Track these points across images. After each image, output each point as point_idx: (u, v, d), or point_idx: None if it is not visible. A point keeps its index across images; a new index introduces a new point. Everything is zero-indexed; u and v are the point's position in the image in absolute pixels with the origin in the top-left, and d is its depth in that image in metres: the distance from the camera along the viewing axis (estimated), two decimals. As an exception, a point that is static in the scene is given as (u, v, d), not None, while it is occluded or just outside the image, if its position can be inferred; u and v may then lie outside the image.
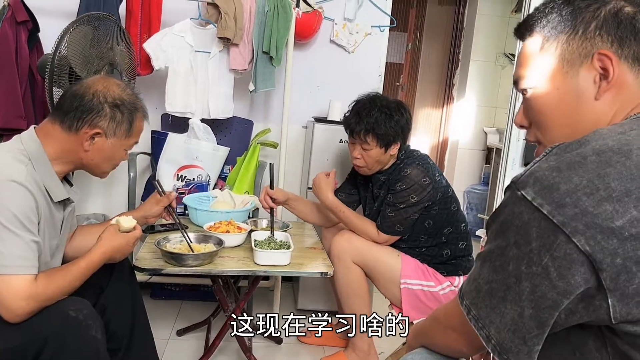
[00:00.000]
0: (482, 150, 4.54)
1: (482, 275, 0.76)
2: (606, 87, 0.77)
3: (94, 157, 1.44)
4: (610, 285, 0.64)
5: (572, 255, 0.65)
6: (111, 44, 2.11)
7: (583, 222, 0.64)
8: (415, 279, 1.98)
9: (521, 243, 0.69)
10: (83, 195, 2.62)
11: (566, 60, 0.79)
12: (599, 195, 0.64)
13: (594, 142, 0.70)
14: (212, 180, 2.51)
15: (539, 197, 0.67)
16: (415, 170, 1.94)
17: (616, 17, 0.76)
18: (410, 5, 4.84)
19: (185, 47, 2.39)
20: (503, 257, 0.72)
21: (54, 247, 1.46)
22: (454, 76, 4.69)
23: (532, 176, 0.70)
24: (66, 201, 1.47)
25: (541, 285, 0.68)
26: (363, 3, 2.79)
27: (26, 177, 1.28)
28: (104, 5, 2.24)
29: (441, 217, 2.01)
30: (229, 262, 1.78)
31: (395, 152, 2.02)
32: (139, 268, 1.68)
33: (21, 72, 2.18)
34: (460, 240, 2.04)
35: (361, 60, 2.86)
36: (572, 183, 0.66)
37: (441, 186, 1.99)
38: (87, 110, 1.39)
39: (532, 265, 0.68)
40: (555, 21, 0.81)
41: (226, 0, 2.35)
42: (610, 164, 0.66)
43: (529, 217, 0.68)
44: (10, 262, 1.22)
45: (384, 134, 1.96)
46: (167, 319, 2.47)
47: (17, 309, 1.23)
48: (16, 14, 2.15)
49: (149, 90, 2.61)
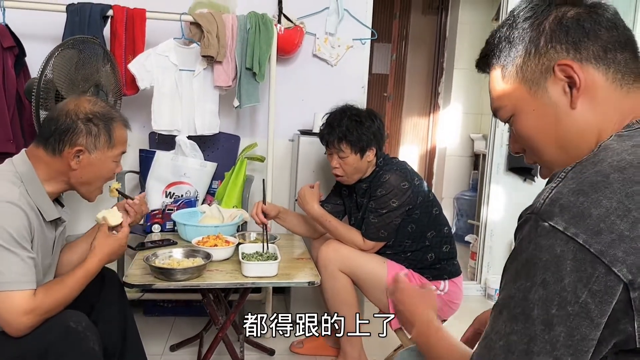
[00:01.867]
0: (470, 156, 4.60)
1: (495, 329, 0.67)
2: (577, 94, 0.75)
3: (84, 174, 1.48)
4: (639, 306, 0.61)
5: (613, 288, 0.60)
6: (96, 66, 2.16)
7: (622, 249, 0.60)
8: None
9: (551, 281, 0.62)
10: (74, 215, 2.65)
11: (530, 81, 0.78)
12: (632, 216, 0.61)
13: (609, 158, 0.67)
14: (200, 195, 2.55)
15: (571, 227, 0.62)
16: (393, 176, 1.99)
17: (561, 24, 0.76)
18: (393, 16, 4.92)
19: (169, 67, 2.43)
20: (525, 302, 0.64)
21: (47, 267, 1.50)
22: (439, 85, 4.76)
23: (556, 204, 0.64)
24: (58, 221, 1.52)
25: (580, 327, 0.61)
26: (344, 17, 2.85)
27: (19, 197, 1.33)
28: (88, 28, 2.29)
29: (423, 221, 2.05)
30: (217, 275, 1.81)
31: (372, 158, 2.07)
32: (128, 284, 1.71)
33: (9, 96, 2.22)
34: (444, 243, 2.08)
35: (344, 72, 2.91)
36: (602, 207, 0.62)
37: (421, 190, 2.04)
38: (64, 131, 1.43)
39: (567, 305, 0.61)
40: (506, 49, 0.81)
41: (208, 20, 2.40)
42: (635, 181, 0.63)
43: (562, 248, 0.62)
44: (9, 278, 1.26)
45: (357, 140, 2.02)
46: (160, 335, 2.49)
47: (19, 324, 1.28)
48: (2, 40, 2.19)
49: (135, 110, 2.65)
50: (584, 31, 0.75)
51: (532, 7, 0.79)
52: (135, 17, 2.37)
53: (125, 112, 2.52)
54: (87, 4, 2.33)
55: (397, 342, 2.19)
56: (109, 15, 2.35)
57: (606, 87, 0.75)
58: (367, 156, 2.05)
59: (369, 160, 2.07)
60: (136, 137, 2.74)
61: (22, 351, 1.30)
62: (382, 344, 2.40)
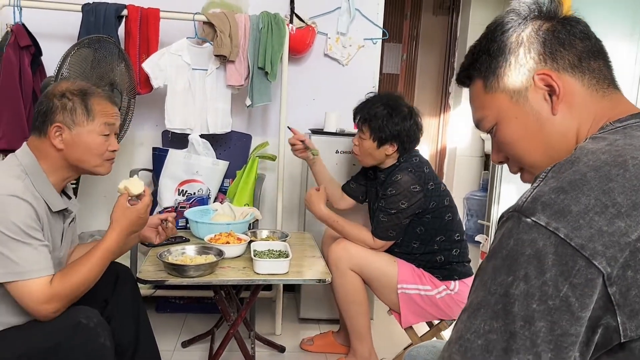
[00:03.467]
0: (480, 156, 4.59)
1: (472, 329, 0.66)
2: (558, 101, 0.80)
3: (72, 152, 1.45)
4: (619, 300, 0.62)
5: (593, 281, 0.62)
6: (111, 65, 2.19)
7: (601, 243, 0.62)
8: (412, 283, 2.03)
9: (532, 275, 0.63)
10: (89, 211, 2.68)
11: (511, 90, 0.82)
12: (609, 212, 0.63)
13: (585, 158, 0.69)
14: (212, 193, 2.57)
15: (553, 222, 0.64)
16: (406, 177, 1.98)
17: (538, 36, 0.81)
18: (404, 16, 4.92)
19: (182, 66, 2.46)
20: (506, 299, 0.64)
21: (56, 259, 1.51)
22: (450, 85, 4.75)
23: (538, 202, 0.66)
24: (65, 212, 1.52)
25: (561, 321, 0.62)
26: (355, 17, 2.87)
27: (24, 191, 1.34)
28: (104, 28, 2.32)
29: (434, 225, 2.05)
30: (229, 272, 1.83)
31: (391, 153, 2.06)
32: (142, 280, 1.74)
33: (25, 95, 2.26)
34: (454, 248, 2.07)
35: (355, 72, 2.93)
36: (581, 204, 0.64)
37: (435, 196, 2.02)
38: (43, 112, 1.44)
39: (548, 299, 0.62)
40: (486, 61, 0.85)
41: (221, 19, 2.42)
42: (611, 179, 0.65)
43: (544, 243, 0.63)
44: (24, 268, 1.29)
45: (378, 129, 2.02)
46: (172, 331, 2.52)
47: (42, 312, 1.31)
48: (19, 40, 2.23)
49: (149, 109, 2.69)
50: (560, 41, 0.80)
51: (509, 21, 0.84)
52: (149, 16, 2.40)
53: (139, 110, 2.57)
54: (102, 4, 2.36)
55: (407, 341, 2.20)
56: (123, 15, 2.38)
57: (583, 92, 0.80)
58: (385, 149, 2.05)
59: (387, 153, 2.06)
60: (149, 136, 2.77)
61: (32, 346, 1.31)
62: (392, 343, 2.42)
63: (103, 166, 1.52)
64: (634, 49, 2.89)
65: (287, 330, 2.60)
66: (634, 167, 0.66)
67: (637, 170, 0.66)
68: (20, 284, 1.29)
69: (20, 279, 1.29)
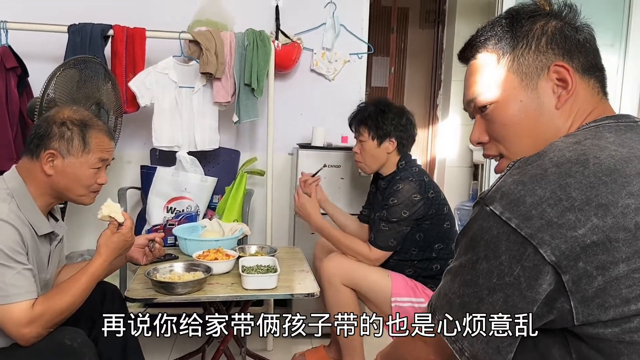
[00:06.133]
0: (469, 167, 4.62)
1: (452, 290, 0.78)
2: (566, 96, 0.82)
3: (60, 180, 1.46)
4: (572, 287, 0.67)
5: (539, 266, 0.68)
6: (97, 85, 2.20)
7: (549, 233, 0.67)
8: (405, 296, 2.03)
9: (491, 257, 0.71)
10: (77, 231, 2.68)
11: (524, 73, 0.83)
12: (562, 205, 0.68)
13: (551, 153, 0.73)
14: (201, 210, 2.57)
15: (506, 211, 0.70)
16: (407, 186, 2.00)
17: (562, 31, 0.83)
18: (391, 30, 4.98)
19: (169, 84, 2.48)
20: (474, 271, 0.74)
21: (44, 281, 1.51)
22: (438, 97, 4.80)
23: (499, 191, 0.73)
24: (51, 235, 1.52)
25: (513, 296, 0.70)
26: (340, 32, 2.90)
27: (8, 214, 1.34)
28: (90, 48, 2.34)
29: (433, 232, 2.06)
30: (217, 288, 1.83)
31: (391, 150, 2.09)
32: (130, 299, 1.73)
33: (12, 115, 2.26)
34: (451, 257, 2.08)
35: (342, 86, 2.96)
36: (536, 195, 0.69)
37: (435, 203, 2.04)
38: (40, 135, 1.45)
39: (505, 276, 0.70)
40: (507, 38, 0.85)
41: (207, 37, 2.45)
42: (570, 175, 0.69)
43: (498, 231, 0.71)
44: (6, 292, 1.28)
45: (376, 126, 2.07)
46: (162, 350, 2.50)
47: (22, 336, 1.29)
48: (5, 61, 2.24)
49: (136, 127, 2.70)
50: (578, 43, 0.83)
51: (537, 9, 0.86)
52: (135, 36, 2.42)
53: (126, 129, 2.57)
54: (88, 25, 2.38)
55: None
56: (109, 35, 2.40)
57: (584, 98, 0.83)
58: (385, 147, 2.09)
59: (388, 151, 2.10)
60: (137, 154, 2.78)
61: None
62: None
63: (88, 197, 1.53)
64: (615, 59, 2.94)
65: (279, 346, 2.59)
66: (594, 166, 0.70)
67: (597, 168, 0.70)
68: (2, 308, 1.28)
69: (2, 303, 1.28)
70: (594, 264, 0.66)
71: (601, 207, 0.67)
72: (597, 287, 0.67)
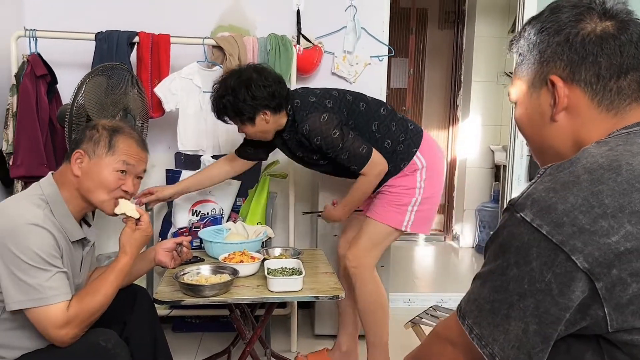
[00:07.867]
0: (491, 168, 4.60)
1: (482, 295, 0.78)
2: (557, 110, 0.82)
3: (85, 181, 1.50)
4: (605, 294, 0.67)
5: (571, 273, 0.67)
6: (124, 91, 2.25)
7: (581, 240, 0.67)
8: (399, 215, 2.13)
9: (521, 263, 0.71)
10: (103, 235, 2.73)
11: (531, 82, 0.85)
12: (594, 212, 0.67)
13: (583, 160, 0.73)
14: (225, 213, 2.61)
15: (537, 219, 0.70)
16: (310, 121, 2.00)
17: (568, 42, 0.80)
18: (410, 31, 4.98)
19: (193, 89, 2.52)
20: (504, 277, 0.73)
21: (76, 286, 1.55)
22: (458, 97, 4.79)
23: (530, 198, 0.72)
24: (84, 241, 1.57)
25: (544, 302, 0.69)
26: (361, 35, 2.91)
27: (44, 219, 1.38)
28: (116, 55, 2.39)
29: (360, 121, 2.09)
30: (243, 290, 1.86)
31: (269, 117, 2.02)
32: (158, 301, 1.77)
33: (42, 122, 2.32)
34: (392, 121, 2.15)
35: (363, 89, 2.92)
36: (568, 203, 0.68)
37: (336, 104, 2.05)
38: (75, 141, 1.54)
39: (536, 282, 0.70)
40: (526, 45, 0.86)
41: (230, 43, 2.49)
42: (602, 181, 0.69)
43: (529, 237, 0.70)
44: (44, 294, 1.32)
45: (235, 114, 2.01)
46: (189, 351, 2.54)
47: (60, 337, 1.34)
48: (35, 69, 2.30)
49: (162, 132, 2.74)
50: (585, 55, 0.79)
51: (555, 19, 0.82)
52: (160, 42, 2.46)
53: (152, 133, 2.62)
54: (115, 32, 2.43)
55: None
56: (135, 42, 2.45)
57: (592, 109, 0.80)
58: (260, 122, 2.02)
59: (267, 121, 2.02)
60: (162, 157, 2.82)
61: None
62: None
63: (109, 203, 1.54)
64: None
65: (303, 347, 2.61)
66: (627, 172, 0.70)
67: (630, 175, 0.70)
68: (39, 310, 1.32)
69: (40, 305, 1.32)
70: (627, 271, 0.66)
71: (635, 214, 0.67)
72: (631, 294, 0.67)
